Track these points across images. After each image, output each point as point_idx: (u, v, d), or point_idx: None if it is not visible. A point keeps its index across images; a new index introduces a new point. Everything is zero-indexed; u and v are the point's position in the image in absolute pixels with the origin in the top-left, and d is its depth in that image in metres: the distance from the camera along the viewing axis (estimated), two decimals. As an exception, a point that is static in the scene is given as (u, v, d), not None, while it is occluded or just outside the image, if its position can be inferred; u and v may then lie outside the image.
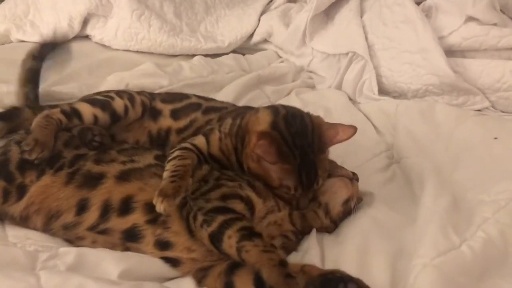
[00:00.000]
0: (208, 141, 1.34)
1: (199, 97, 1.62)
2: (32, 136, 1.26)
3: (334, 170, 1.33)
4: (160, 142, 1.49)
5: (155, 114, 1.52)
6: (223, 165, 1.34)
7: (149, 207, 1.15)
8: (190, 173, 1.22)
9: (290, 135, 1.24)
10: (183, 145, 1.33)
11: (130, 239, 1.16)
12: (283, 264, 0.99)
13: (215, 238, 1.07)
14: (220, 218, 1.08)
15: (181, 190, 1.14)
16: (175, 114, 1.51)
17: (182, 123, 1.49)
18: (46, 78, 1.96)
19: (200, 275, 1.12)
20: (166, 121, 1.50)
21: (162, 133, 1.49)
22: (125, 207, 1.18)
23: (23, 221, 1.22)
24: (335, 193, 1.29)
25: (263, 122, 1.28)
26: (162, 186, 1.15)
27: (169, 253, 1.14)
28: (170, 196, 1.11)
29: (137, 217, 1.17)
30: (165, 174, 1.19)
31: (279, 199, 1.26)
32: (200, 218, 1.10)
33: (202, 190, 1.19)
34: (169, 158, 1.26)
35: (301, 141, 1.23)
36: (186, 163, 1.23)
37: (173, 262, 1.14)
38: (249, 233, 1.04)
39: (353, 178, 1.32)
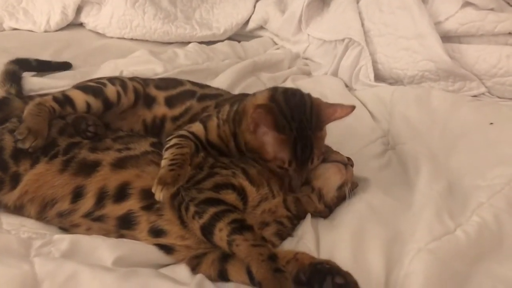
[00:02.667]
0: (206, 128, 1.34)
1: (193, 83, 1.60)
2: (25, 125, 1.25)
3: (328, 155, 1.32)
4: (155, 131, 1.47)
5: (149, 101, 1.50)
6: (221, 151, 1.34)
7: (145, 194, 1.16)
8: (189, 161, 1.21)
9: (288, 108, 1.22)
10: (181, 132, 1.32)
11: (124, 226, 1.16)
12: (272, 258, 0.99)
13: (206, 230, 1.07)
14: (212, 210, 1.07)
15: (180, 178, 1.14)
16: (170, 102, 1.49)
17: (177, 110, 1.48)
18: (40, 66, 1.95)
19: (194, 262, 1.12)
20: (161, 109, 1.49)
21: (157, 121, 1.48)
22: (121, 193, 1.17)
23: (17, 210, 1.22)
24: (329, 179, 1.29)
25: (261, 97, 1.28)
26: (161, 174, 1.14)
27: (162, 240, 1.14)
28: (169, 184, 1.11)
29: (132, 204, 1.16)
30: (164, 162, 1.19)
31: (273, 174, 1.26)
32: (192, 209, 1.10)
33: (196, 179, 1.19)
34: (167, 146, 1.25)
35: (299, 116, 1.22)
36: (185, 152, 1.22)
37: (167, 249, 1.14)
38: (240, 226, 1.04)
39: (348, 163, 1.32)
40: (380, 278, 1.06)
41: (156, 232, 1.15)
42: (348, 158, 1.34)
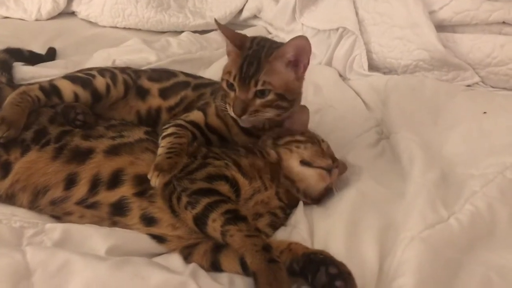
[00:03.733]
0: (205, 113, 1.36)
1: (186, 74, 1.60)
2: (0, 114, 1.23)
3: (313, 160, 1.27)
4: (150, 122, 1.47)
5: (143, 93, 1.49)
6: (221, 134, 1.35)
7: (139, 180, 1.16)
8: (186, 151, 1.22)
9: (258, 38, 1.33)
10: (178, 122, 1.32)
11: (117, 213, 1.16)
12: (266, 249, 0.99)
13: (200, 221, 1.07)
14: (205, 201, 1.07)
15: (177, 166, 1.16)
16: (164, 93, 1.49)
17: (172, 101, 1.48)
18: (31, 55, 1.93)
19: (186, 252, 1.12)
20: (155, 100, 1.48)
21: (152, 112, 1.48)
22: (115, 180, 1.17)
23: (9, 199, 1.21)
24: (312, 185, 1.27)
25: None
26: (158, 161, 1.15)
27: (154, 230, 1.14)
28: (165, 171, 1.13)
29: (125, 190, 1.16)
30: (161, 150, 1.20)
31: (264, 165, 1.26)
32: (184, 199, 1.09)
33: (189, 169, 1.18)
34: (164, 134, 1.25)
35: (263, 43, 1.30)
36: (182, 142, 1.23)
37: (159, 239, 1.14)
38: (233, 217, 1.04)
39: (333, 166, 1.28)
40: (374, 267, 1.06)
41: (147, 220, 1.14)
42: (334, 159, 1.31)
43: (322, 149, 1.32)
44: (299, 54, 1.27)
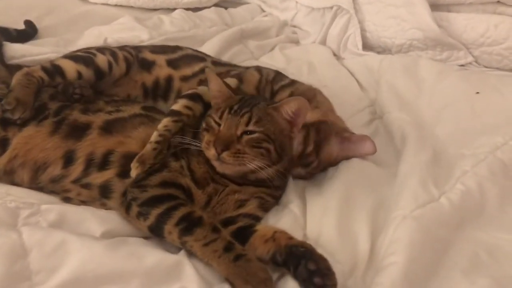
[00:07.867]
0: (241, 80, 1.37)
1: (195, 50, 1.61)
2: (14, 95, 1.23)
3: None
4: (159, 93, 1.47)
5: (147, 65, 1.49)
6: None
7: (125, 160, 1.17)
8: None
9: None
10: (197, 91, 1.33)
11: (104, 195, 1.17)
12: (228, 248, 0.97)
13: (156, 232, 1.05)
14: (155, 212, 1.04)
15: (158, 157, 1.17)
16: (173, 63, 1.50)
17: (187, 71, 1.48)
18: (22, 33, 1.90)
19: None
20: (164, 70, 1.48)
21: (161, 82, 1.48)
22: (104, 162, 1.18)
23: (8, 175, 1.21)
24: (228, 174, 1.20)
25: None
26: (145, 151, 1.17)
27: None
28: (143, 164, 1.15)
29: (111, 172, 1.17)
30: (154, 136, 1.20)
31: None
32: (135, 209, 1.07)
33: (148, 171, 1.14)
34: (171, 109, 1.27)
35: None
36: (175, 127, 1.23)
37: None
38: (188, 225, 1.01)
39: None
40: (366, 245, 1.08)
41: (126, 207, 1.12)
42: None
43: (213, 135, 1.15)
44: None
